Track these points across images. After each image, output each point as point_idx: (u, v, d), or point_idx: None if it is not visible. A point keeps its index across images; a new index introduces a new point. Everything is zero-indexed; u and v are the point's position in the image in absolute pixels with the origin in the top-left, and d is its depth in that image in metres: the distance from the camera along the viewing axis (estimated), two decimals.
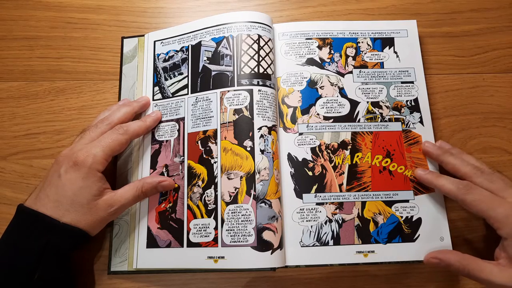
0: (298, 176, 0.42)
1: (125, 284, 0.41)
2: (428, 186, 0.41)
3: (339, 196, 0.41)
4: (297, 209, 0.41)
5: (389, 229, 0.40)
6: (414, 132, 0.43)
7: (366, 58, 0.46)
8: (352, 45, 0.47)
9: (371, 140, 0.43)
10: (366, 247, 0.40)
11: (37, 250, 0.34)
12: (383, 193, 0.41)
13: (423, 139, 0.43)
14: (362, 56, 0.46)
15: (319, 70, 0.45)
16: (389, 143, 0.43)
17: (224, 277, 0.41)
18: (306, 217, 0.40)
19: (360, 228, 0.40)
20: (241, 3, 0.51)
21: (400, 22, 0.48)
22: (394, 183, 0.42)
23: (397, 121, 0.44)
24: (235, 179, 0.39)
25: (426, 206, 0.41)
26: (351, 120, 0.44)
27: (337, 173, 0.42)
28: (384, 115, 0.44)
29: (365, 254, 0.39)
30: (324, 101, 0.44)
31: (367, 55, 0.46)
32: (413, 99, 0.45)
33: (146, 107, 0.45)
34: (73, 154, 0.37)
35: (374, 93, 0.45)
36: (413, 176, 0.42)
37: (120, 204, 0.37)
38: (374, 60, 0.46)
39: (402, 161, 0.42)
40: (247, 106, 0.41)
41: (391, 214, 0.41)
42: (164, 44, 0.47)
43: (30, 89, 0.47)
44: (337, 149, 0.43)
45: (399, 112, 0.44)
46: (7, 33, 0.49)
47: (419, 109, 0.44)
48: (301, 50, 0.46)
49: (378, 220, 0.41)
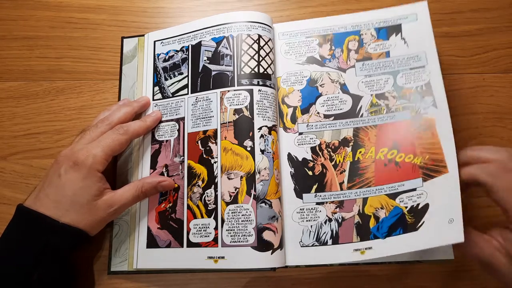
0: (298, 176, 0.42)
1: (125, 284, 0.41)
2: (439, 169, 0.38)
3: (339, 194, 0.41)
4: (297, 209, 0.41)
5: (390, 223, 0.38)
6: (426, 117, 0.40)
7: (370, 50, 0.44)
8: (355, 38, 0.44)
9: (375, 134, 0.41)
10: (364, 244, 0.38)
11: (36, 250, 0.34)
12: (386, 186, 0.39)
13: (436, 122, 0.39)
14: (366, 48, 0.44)
15: (319, 68, 0.45)
16: (396, 134, 0.40)
17: (224, 277, 0.41)
18: (306, 217, 0.40)
19: (360, 225, 0.39)
20: (241, 3, 0.51)
21: (408, 6, 0.44)
22: (400, 174, 0.39)
23: (406, 110, 0.41)
24: (235, 179, 0.39)
25: (436, 190, 0.38)
26: (353, 116, 0.42)
27: (338, 172, 0.41)
28: (391, 106, 0.41)
29: (362, 252, 0.38)
30: (325, 99, 0.43)
31: (371, 46, 0.44)
32: (424, 83, 0.41)
33: (146, 107, 0.45)
34: (73, 154, 0.37)
35: (379, 84, 0.42)
36: (423, 162, 0.39)
37: (120, 204, 0.37)
38: (379, 50, 0.43)
39: (411, 149, 0.39)
40: (247, 106, 0.41)
41: (394, 207, 0.39)
42: (164, 44, 0.47)
43: (30, 89, 0.47)
44: (338, 147, 0.42)
45: (407, 101, 0.41)
46: (7, 33, 0.49)
47: (431, 92, 0.40)
48: (301, 49, 0.46)
49: (380, 214, 0.39)
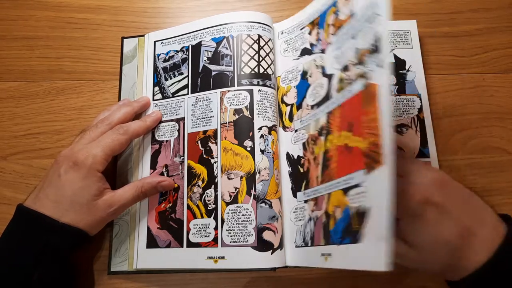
0: (293, 175, 0.41)
1: (125, 284, 0.41)
2: (377, 157, 0.28)
3: (314, 191, 0.37)
4: (293, 209, 0.40)
5: (342, 226, 0.31)
6: (369, 83, 0.30)
7: (342, 16, 0.36)
8: (333, 10, 0.38)
9: (339, 116, 0.34)
10: (327, 249, 0.33)
11: (36, 250, 0.34)
12: (341, 179, 0.32)
13: (378, 90, 0.29)
14: (339, 16, 0.36)
15: (308, 58, 0.42)
16: (351, 112, 0.33)
17: (224, 277, 0.41)
18: (298, 216, 0.39)
19: (325, 226, 0.34)
20: (241, 3, 0.51)
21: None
22: (352, 163, 0.31)
23: (360, 78, 0.32)
24: (235, 179, 0.39)
25: (378, 186, 0.28)
26: (326, 100, 0.37)
27: (316, 165, 0.37)
28: (352, 77, 0.33)
29: (326, 258, 0.33)
30: (312, 89, 0.40)
31: (342, 11, 0.36)
32: (376, 37, 0.29)
33: (147, 107, 0.45)
34: (72, 154, 0.37)
35: (345, 55, 0.34)
36: (366, 147, 0.29)
37: (119, 204, 0.37)
38: (348, 12, 0.35)
39: (359, 130, 0.31)
40: (247, 106, 0.41)
41: (345, 206, 0.31)
42: (164, 44, 0.47)
43: (30, 89, 0.47)
44: (316, 138, 0.38)
45: (363, 66, 0.31)
46: (7, 33, 0.49)
47: (380, 47, 0.29)
48: (296, 44, 0.44)
49: (337, 215, 0.32)
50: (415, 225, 0.31)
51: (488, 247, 0.30)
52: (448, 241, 0.30)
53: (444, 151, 0.44)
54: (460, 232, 0.30)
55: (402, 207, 0.29)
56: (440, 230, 0.30)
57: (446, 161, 0.44)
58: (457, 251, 0.30)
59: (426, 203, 0.30)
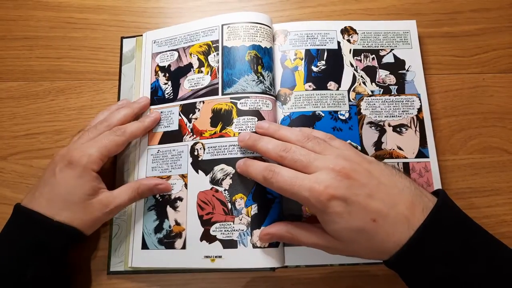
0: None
1: (124, 284, 0.41)
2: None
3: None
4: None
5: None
6: None
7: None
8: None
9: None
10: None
11: (30, 248, 0.34)
12: None
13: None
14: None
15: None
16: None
17: (224, 277, 0.41)
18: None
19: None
20: (241, 3, 0.51)
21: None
22: None
23: None
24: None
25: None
26: None
27: None
28: None
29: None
30: None
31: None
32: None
33: (146, 108, 0.45)
34: (68, 153, 0.37)
35: None
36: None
37: (115, 205, 0.37)
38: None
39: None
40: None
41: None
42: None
43: (30, 89, 0.47)
44: None
45: None
46: (7, 33, 0.49)
47: None
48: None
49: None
50: (330, 220, 0.32)
51: (405, 225, 0.30)
52: (362, 228, 0.31)
53: (443, 151, 0.44)
54: (371, 217, 0.31)
55: (312, 205, 0.31)
56: (351, 220, 0.31)
57: (446, 161, 0.44)
58: (376, 235, 0.31)
59: (331, 199, 0.31)
